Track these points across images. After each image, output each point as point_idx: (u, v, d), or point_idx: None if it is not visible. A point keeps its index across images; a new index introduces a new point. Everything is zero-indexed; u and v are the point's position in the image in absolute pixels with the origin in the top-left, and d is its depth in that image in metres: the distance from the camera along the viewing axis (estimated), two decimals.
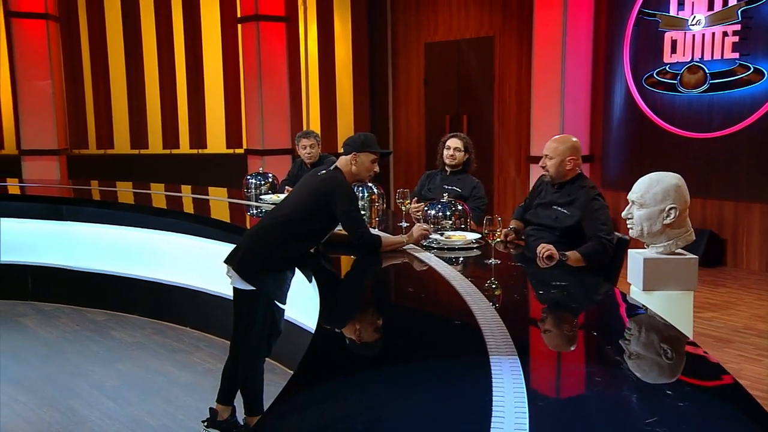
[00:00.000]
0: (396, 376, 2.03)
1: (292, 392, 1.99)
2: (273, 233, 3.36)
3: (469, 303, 2.54)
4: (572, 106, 7.91)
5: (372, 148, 3.48)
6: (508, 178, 9.16)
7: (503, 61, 9.04)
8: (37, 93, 9.62)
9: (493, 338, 2.16)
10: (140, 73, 10.39)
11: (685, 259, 2.79)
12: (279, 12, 9.63)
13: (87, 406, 4.03)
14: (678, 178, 2.81)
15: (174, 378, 4.45)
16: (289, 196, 3.60)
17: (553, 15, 7.84)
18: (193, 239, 5.12)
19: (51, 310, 5.90)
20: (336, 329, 2.61)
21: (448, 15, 9.60)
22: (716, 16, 7.04)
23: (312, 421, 1.81)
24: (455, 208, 3.88)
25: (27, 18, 9.59)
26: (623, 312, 2.70)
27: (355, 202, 3.43)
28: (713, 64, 7.09)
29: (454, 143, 4.67)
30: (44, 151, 9.72)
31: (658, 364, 2.18)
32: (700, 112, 7.23)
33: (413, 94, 10.24)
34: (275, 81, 9.63)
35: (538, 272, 3.31)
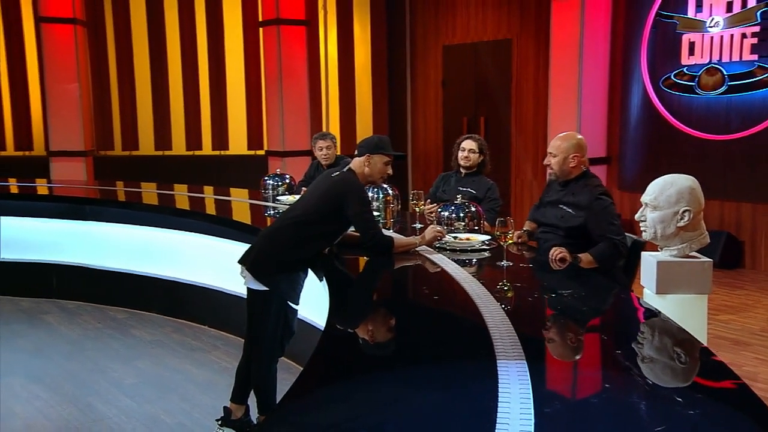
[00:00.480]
0: (400, 379, 1.98)
1: (298, 392, 1.95)
2: (286, 234, 3.32)
3: (478, 305, 2.48)
4: (589, 108, 7.80)
5: (385, 150, 3.43)
6: (525, 180, 9.05)
7: (520, 63, 8.94)
8: (64, 96, 9.70)
9: (502, 342, 2.09)
10: (164, 76, 10.43)
11: (699, 263, 2.70)
12: (299, 16, 9.62)
13: (105, 403, 4.02)
14: (692, 180, 2.73)
15: (191, 376, 4.43)
16: (303, 197, 3.56)
17: (571, 17, 7.74)
18: (211, 239, 5.10)
19: (74, 308, 5.92)
20: (344, 329, 2.56)
21: (466, 18, 9.52)
22: (735, 17, 6.89)
23: (316, 422, 1.77)
24: (468, 209, 3.82)
25: (56, 23, 9.67)
26: (634, 315, 2.63)
27: (368, 204, 3.38)
28: (731, 65, 6.94)
29: (469, 145, 4.60)
30: (71, 153, 9.79)
31: (670, 369, 2.11)
32: (718, 114, 7.09)
33: (431, 97, 10.16)
34: (296, 84, 9.62)
35: (549, 275, 3.24)
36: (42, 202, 6.36)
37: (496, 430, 1.55)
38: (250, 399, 3.55)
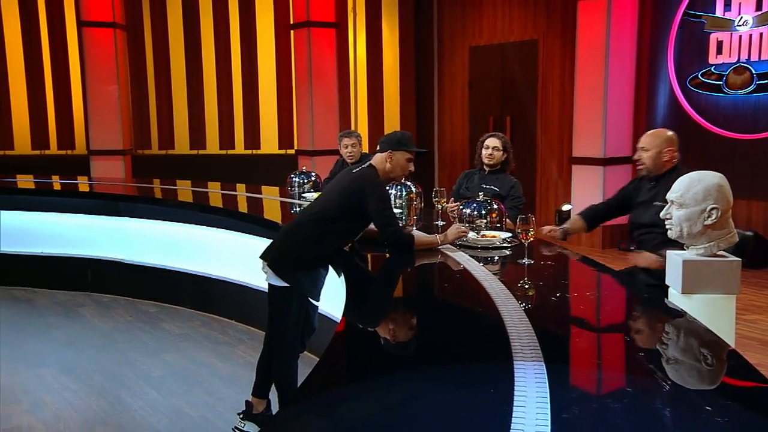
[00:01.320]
0: (413, 379, 1.85)
1: (309, 390, 1.84)
2: (306, 230, 3.22)
3: (497, 304, 2.34)
4: (615, 108, 7.58)
5: (408, 146, 3.29)
6: (551, 180, 8.85)
7: (547, 63, 8.73)
8: (104, 97, 9.78)
9: (519, 342, 1.96)
10: (199, 78, 10.45)
11: (727, 262, 2.53)
12: (329, 18, 9.55)
13: (132, 395, 3.96)
14: (720, 177, 2.55)
15: (216, 370, 4.36)
16: (323, 194, 3.45)
17: (597, 18, 7.53)
18: (239, 235, 5.02)
19: (108, 301, 5.91)
20: (359, 326, 2.45)
21: (493, 19, 9.34)
22: (764, 16, 6.64)
23: (324, 422, 1.66)
24: (490, 207, 3.67)
25: (96, 27, 9.75)
26: (659, 315, 2.47)
27: (387, 201, 3.24)
28: (761, 64, 6.68)
29: (493, 142, 4.46)
30: (111, 152, 9.87)
31: (696, 372, 1.96)
32: (746, 113, 6.84)
33: (458, 97, 10.00)
34: (325, 85, 9.55)
35: (572, 273, 3.09)
36: (79, 199, 6.34)
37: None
38: (271, 393, 3.45)
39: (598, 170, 7.62)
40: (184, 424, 3.60)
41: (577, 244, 7.75)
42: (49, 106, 10.52)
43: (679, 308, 2.41)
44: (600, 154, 7.59)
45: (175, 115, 10.53)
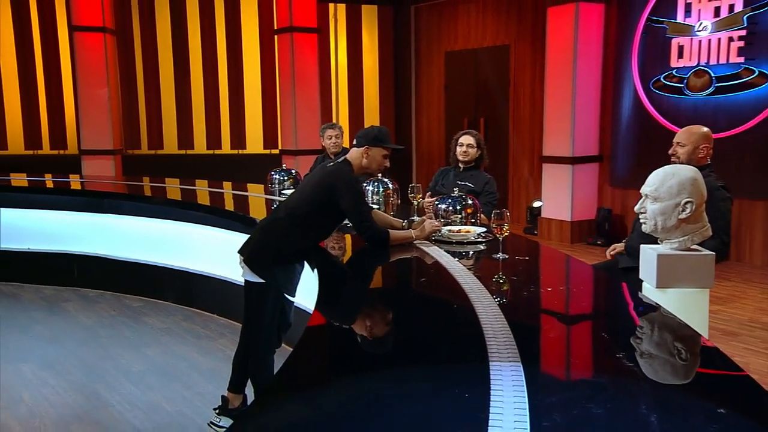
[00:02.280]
0: (383, 380, 1.63)
1: (280, 384, 1.63)
2: (281, 226, 2.99)
3: (472, 300, 2.14)
4: (583, 110, 7.42)
5: (385, 142, 3.07)
6: (522, 178, 8.69)
7: (518, 67, 8.56)
8: (95, 99, 9.44)
9: (495, 341, 1.75)
10: (187, 80, 10.15)
11: (701, 256, 2.35)
12: (311, 24, 9.29)
13: (110, 390, 3.70)
14: (694, 171, 2.37)
15: (196, 364, 4.11)
16: (298, 189, 3.22)
17: (565, 24, 7.36)
18: (221, 231, 4.78)
19: (94, 296, 5.63)
20: (330, 323, 2.22)
21: (467, 26, 9.15)
22: (722, 22, 6.50)
23: (295, 417, 1.45)
24: (465, 202, 3.47)
25: (87, 31, 9.41)
26: (636, 311, 2.28)
27: (361, 196, 3.02)
28: (719, 68, 6.55)
29: (467, 140, 4.26)
30: (101, 151, 9.54)
31: (672, 367, 1.76)
32: (706, 114, 6.69)
33: (434, 99, 9.81)
34: (308, 87, 9.31)
35: (546, 268, 2.89)
36: (65, 197, 6.05)
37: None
38: (248, 389, 3.23)
39: (567, 168, 7.46)
40: (161, 419, 3.36)
41: (548, 239, 7.59)
42: (42, 107, 10.16)
43: (654, 303, 2.23)
44: (569, 153, 7.43)
45: (163, 116, 10.22)
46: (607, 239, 7.26)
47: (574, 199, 7.44)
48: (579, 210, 7.47)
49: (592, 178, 7.58)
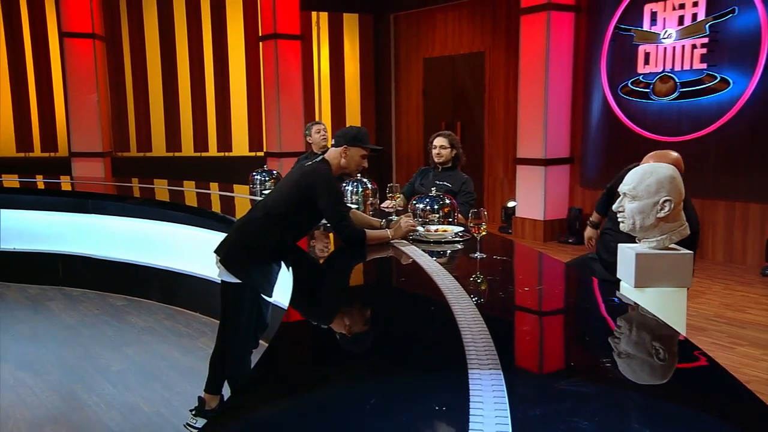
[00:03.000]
0: (352, 394, 1.43)
1: (254, 383, 1.43)
2: (257, 225, 2.78)
3: (450, 302, 1.95)
4: (555, 113, 7.28)
5: (363, 142, 2.86)
6: (497, 179, 8.54)
7: (493, 73, 8.41)
8: (85, 103, 9.14)
9: (474, 345, 1.57)
10: (175, 85, 9.88)
11: (679, 255, 2.18)
12: (295, 31, 9.07)
13: (88, 390, 3.47)
14: (672, 170, 2.21)
15: (176, 363, 3.88)
16: (275, 188, 3.01)
17: (538, 32, 7.22)
18: (203, 231, 4.55)
19: (78, 295, 5.36)
20: (303, 325, 2.02)
21: (444, 33, 8.98)
22: (686, 30, 6.39)
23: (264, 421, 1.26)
24: (443, 202, 3.29)
25: (77, 38, 9.11)
26: (616, 312, 2.11)
27: (339, 195, 2.82)
28: (683, 74, 6.44)
29: (440, 141, 4.09)
30: (91, 154, 9.24)
31: (655, 367, 1.59)
32: (671, 118, 6.59)
33: (413, 104, 9.63)
34: (291, 92, 9.08)
35: (524, 267, 2.72)
36: (51, 197, 5.78)
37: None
38: (225, 389, 3.02)
39: (540, 170, 7.32)
40: (137, 420, 3.14)
41: (522, 237, 7.45)
42: (33, 110, 9.83)
43: (634, 303, 2.06)
44: (541, 155, 7.29)
45: (152, 119, 9.94)
46: (578, 238, 7.14)
47: (546, 199, 7.30)
48: (551, 210, 7.34)
49: (563, 179, 7.45)
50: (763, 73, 5.90)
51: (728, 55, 6.15)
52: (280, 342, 1.83)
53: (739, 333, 4.42)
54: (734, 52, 6.10)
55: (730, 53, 6.13)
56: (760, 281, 5.69)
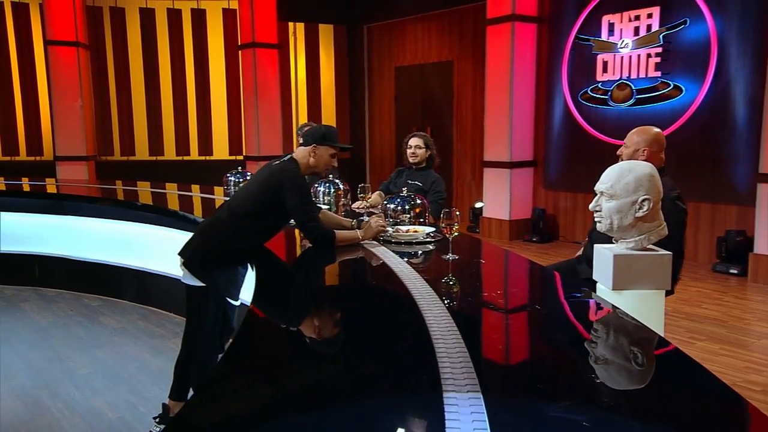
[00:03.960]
0: (308, 422, 1.14)
1: (212, 386, 1.13)
2: (223, 227, 2.47)
3: (422, 309, 1.67)
4: (519, 119, 7.06)
5: (332, 141, 2.56)
6: (465, 181, 8.31)
7: (460, 81, 8.18)
8: (69, 109, 8.68)
9: (449, 360, 1.29)
10: (157, 91, 9.44)
11: (657, 256, 1.94)
12: (273, 41, 8.73)
13: (53, 396, 3.11)
14: (651, 167, 1.96)
15: (146, 365, 3.54)
16: (241, 188, 2.70)
17: (503, 42, 6.99)
18: (178, 232, 4.19)
19: (53, 295, 4.97)
20: (261, 334, 1.72)
21: (415, 43, 8.72)
22: (641, 40, 6.23)
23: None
24: (414, 202, 3.01)
25: (61, 45, 8.64)
26: (599, 317, 1.85)
27: (307, 195, 2.51)
28: (639, 81, 6.28)
29: (415, 142, 3.82)
30: (75, 157, 8.77)
31: (628, 373, 1.33)
32: (628, 123, 6.35)
33: (386, 110, 9.35)
34: (269, 98, 8.75)
35: (498, 269, 2.45)
36: (24, 199, 5.36)
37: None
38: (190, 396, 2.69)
39: (506, 172, 7.10)
40: (100, 426, 2.79)
41: (489, 236, 7.22)
42: (19, 115, 9.31)
43: (614, 306, 1.81)
44: (507, 159, 7.07)
45: (135, 124, 9.49)
46: (541, 237, 6.95)
47: (512, 200, 7.08)
48: (516, 210, 7.13)
49: (527, 181, 7.24)
50: (712, 81, 5.76)
51: (681, 64, 6.00)
52: (239, 345, 1.53)
53: (697, 328, 4.22)
54: (686, 61, 5.95)
55: (683, 62, 5.98)
56: (712, 276, 5.54)
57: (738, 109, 5.65)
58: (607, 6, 6.47)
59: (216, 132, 9.54)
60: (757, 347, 3.84)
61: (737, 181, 5.71)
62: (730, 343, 3.89)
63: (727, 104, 5.71)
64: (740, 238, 5.57)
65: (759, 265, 5.29)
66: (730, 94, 5.68)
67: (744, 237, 5.56)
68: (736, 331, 4.13)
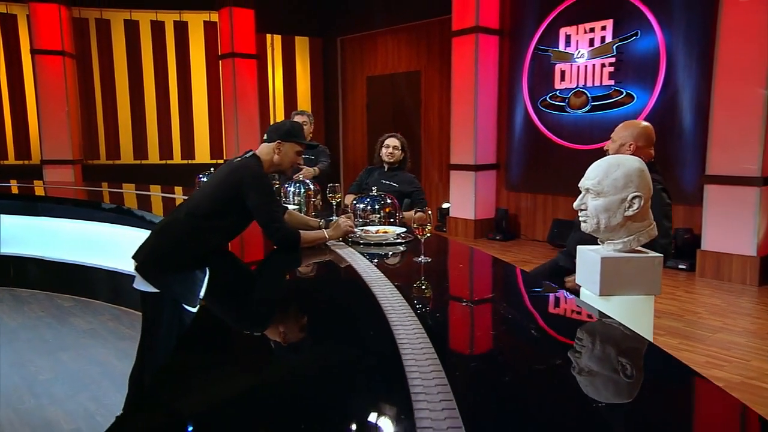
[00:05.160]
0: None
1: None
2: (180, 228, 2.05)
3: (392, 322, 1.29)
4: (483, 125, 6.75)
5: (298, 138, 2.17)
6: (433, 183, 7.96)
7: (428, 89, 7.83)
8: (55, 115, 8.08)
9: (422, 382, 0.91)
10: (141, 98, 8.86)
11: (648, 258, 1.60)
12: (251, 51, 8.27)
13: (6, 405, 2.64)
14: (640, 162, 1.61)
15: (110, 369, 3.08)
16: (200, 187, 2.28)
17: (467, 52, 6.67)
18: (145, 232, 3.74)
19: (27, 296, 4.45)
20: (204, 353, 1.31)
21: (385, 54, 8.34)
22: (596, 51, 5.97)
23: None
24: (384, 201, 2.63)
25: (47, 54, 8.04)
26: (590, 326, 1.50)
27: (271, 194, 2.10)
28: (594, 89, 6.01)
29: (392, 142, 3.46)
30: (62, 161, 8.17)
31: (615, 385, 0.98)
32: (584, 129, 6.16)
33: (358, 117, 8.95)
34: (248, 105, 8.29)
35: (473, 273, 2.08)
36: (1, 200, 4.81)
37: None
38: None
39: (471, 175, 6.77)
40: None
41: (455, 235, 6.89)
42: (7, 120, 8.65)
43: (602, 314, 1.46)
44: (472, 162, 6.75)
45: (120, 129, 8.89)
46: (504, 235, 6.64)
47: (476, 201, 6.76)
48: (481, 210, 6.81)
49: (491, 183, 6.93)
50: (661, 88, 5.52)
51: (632, 73, 5.75)
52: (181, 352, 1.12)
53: (656, 323, 3.93)
54: (637, 71, 5.71)
55: (634, 71, 5.74)
56: (664, 273, 5.28)
57: (685, 115, 5.43)
58: (564, 19, 6.20)
59: (198, 137, 9.02)
60: (713, 341, 3.57)
61: (685, 182, 5.48)
62: (687, 337, 3.62)
63: (675, 110, 5.49)
64: (688, 235, 5.34)
65: (706, 260, 5.07)
66: (677, 101, 5.46)
67: (691, 234, 5.34)
68: (692, 325, 3.86)
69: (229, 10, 8.12)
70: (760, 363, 3.24)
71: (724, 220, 4.97)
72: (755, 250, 4.83)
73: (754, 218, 4.85)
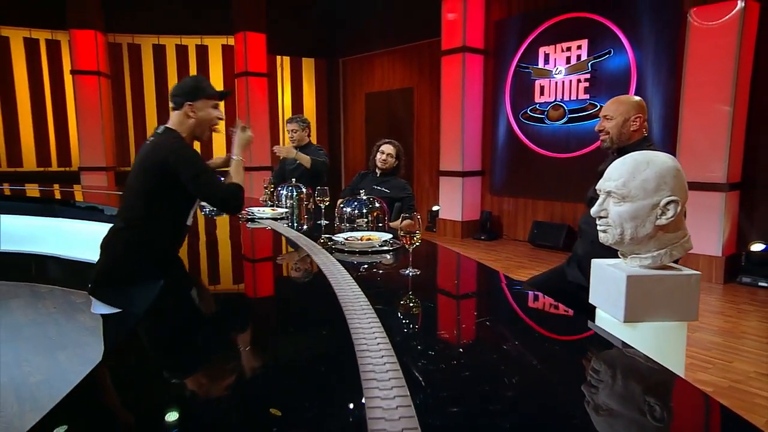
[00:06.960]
0: None
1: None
2: (122, 238, 1.53)
3: (367, 365, 0.79)
4: (469, 135, 6.25)
5: (206, 91, 1.64)
6: (424, 188, 7.46)
7: (420, 104, 7.33)
8: (92, 128, 7.66)
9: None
10: (167, 112, 8.38)
11: (683, 276, 1.09)
12: (263, 70, 7.79)
13: None
14: (673, 159, 1.09)
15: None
16: (125, 189, 1.73)
17: (455, 69, 6.17)
18: None
19: (45, 291, 3.95)
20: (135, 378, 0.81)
21: (381, 72, 7.84)
22: (572, 67, 5.47)
23: None
24: (372, 205, 2.13)
25: (84, 74, 7.59)
26: (608, 363, 1.01)
27: (201, 163, 1.55)
28: (570, 103, 5.52)
29: (388, 149, 2.95)
30: (97, 168, 7.72)
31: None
32: (561, 139, 5.66)
33: (358, 130, 8.45)
34: (260, 118, 7.81)
35: (468, 283, 1.56)
36: (21, 203, 4.31)
37: None
38: None
39: (458, 180, 6.27)
40: None
41: (443, 235, 6.39)
42: (51, 132, 8.21)
43: (620, 343, 0.96)
44: (459, 169, 6.25)
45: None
46: (488, 235, 6.15)
47: (463, 204, 6.27)
48: (467, 212, 6.31)
49: (476, 187, 6.43)
50: None
51: (606, 88, 5.26)
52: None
53: None
54: (610, 85, 5.22)
55: (607, 86, 5.24)
56: None
57: (654, 128, 4.93)
58: (543, 39, 5.70)
59: (215, 147, 8.53)
60: (693, 341, 3.07)
61: None
62: None
63: None
64: None
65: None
66: (647, 114, 4.97)
67: None
68: None
69: (244, 34, 7.66)
70: (742, 365, 2.75)
71: (691, 222, 4.47)
72: (720, 250, 4.34)
73: (719, 221, 4.37)
